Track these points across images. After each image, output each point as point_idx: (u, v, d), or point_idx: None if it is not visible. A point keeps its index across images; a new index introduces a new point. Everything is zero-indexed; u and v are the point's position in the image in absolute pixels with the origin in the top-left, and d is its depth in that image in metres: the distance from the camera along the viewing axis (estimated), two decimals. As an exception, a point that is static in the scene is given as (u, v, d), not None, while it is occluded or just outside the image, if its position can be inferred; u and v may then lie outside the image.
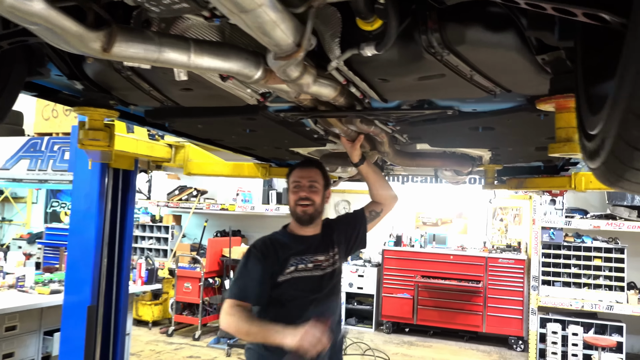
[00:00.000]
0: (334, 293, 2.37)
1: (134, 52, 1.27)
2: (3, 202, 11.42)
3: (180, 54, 1.34)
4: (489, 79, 1.56)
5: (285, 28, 1.13)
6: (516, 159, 2.93)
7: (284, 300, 2.22)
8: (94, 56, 1.25)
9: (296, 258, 2.26)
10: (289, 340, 1.92)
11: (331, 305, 2.36)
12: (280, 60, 1.25)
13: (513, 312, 7.77)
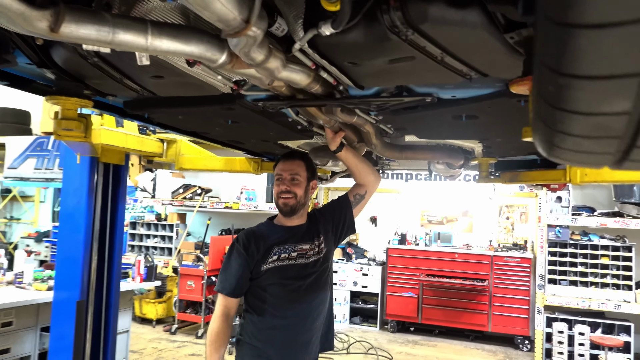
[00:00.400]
0: (321, 281, 2.39)
1: (85, 33, 1.23)
2: (11, 201, 11.51)
3: (136, 36, 1.30)
4: (461, 62, 1.50)
5: (225, 1, 1.08)
6: (508, 151, 2.85)
7: (268, 289, 2.27)
8: (42, 36, 1.21)
9: (279, 247, 2.31)
10: None
11: (320, 294, 2.38)
12: (229, 38, 1.20)
13: (519, 311, 7.65)
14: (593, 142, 0.58)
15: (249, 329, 2.30)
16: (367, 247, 9.30)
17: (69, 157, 3.29)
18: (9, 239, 11.45)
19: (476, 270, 7.94)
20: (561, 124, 0.57)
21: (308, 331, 2.33)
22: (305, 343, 2.33)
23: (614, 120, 0.52)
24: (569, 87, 0.51)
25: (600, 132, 0.55)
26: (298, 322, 2.30)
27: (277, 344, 2.26)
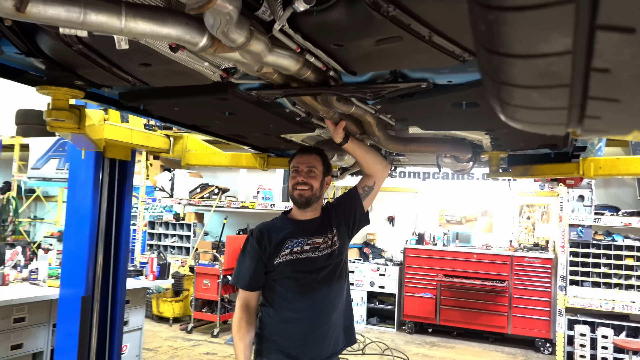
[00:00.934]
0: (335, 275, 2.39)
1: (54, 13, 1.20)
2: (35, 201, 11.73)
3: (110, 18, 1.26)
4: (452, 41, 1.42)
5: None
6: (517, 143, 2.74)
7: (281, 282, 2.29)
8: (8, 16, 1.18)
9: (292, 241, 2.33)
10: None
11: (334, 287, 2.38)
12: (192, 11, 1.15)
13: (540, 313, 7.45)
14: (542, 95, 0.51)
15: (265, 322, 2.32)
16: (384, 247, 9.19)
17: (74, 152, 3.30)
18: (32, 238, 11.67)
19: (496, 270, 7.77)
20: (502, 73, 0.50)
21: (324, 324, 2.32)
22: (321, 336, 2.31)
23: (557, 63, 0.45)
24: (499, 22, 0.44)
25: (546, 79, 0.48)
26: (312, 315, 2.30)
27: (293, 337, 2.27)
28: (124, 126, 3.23)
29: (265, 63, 1.58)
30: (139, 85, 2.11)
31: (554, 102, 0.52)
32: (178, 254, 9.70)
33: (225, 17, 1.24)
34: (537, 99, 0.52)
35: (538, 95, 0.51)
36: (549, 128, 0.59)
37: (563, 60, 0.45)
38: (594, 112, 0.50)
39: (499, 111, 0.62)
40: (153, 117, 2.65)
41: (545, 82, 0.49)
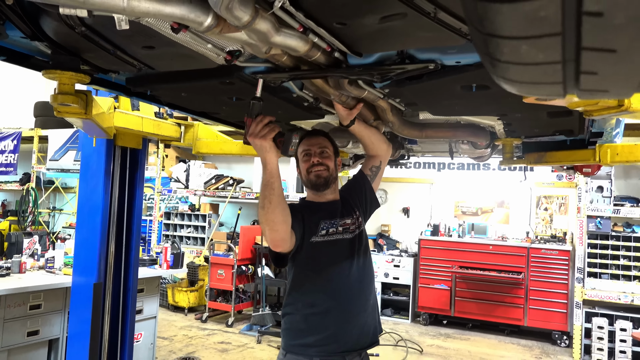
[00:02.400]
0: (367, 257, 2.35)
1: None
2: (54, 192, 11.90)
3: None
4: (458, 18, 1.37)
5: None
6: (531, 129, 2.68)
7: (321, 265, 2.21)
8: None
9: (326, 222, 2.27)
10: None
11: (369, 270, 2.34)
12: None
13: (557, 305, 7.35)
14: (532, 46, 0.47)
15: (297, 313, 2.22)
16: (398, 238, 9.14)
17: (85, 141, 3.31)
18: (52, 228, 11.85)
19: (512, 262, 7.68)
20: (488, 22, 0.46)
21: (363, 311, 2.24)
22: (361, 324, 2.22)
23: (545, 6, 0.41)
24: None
25: (535, 27, 0.44)
26: (351, 300, 2.21)
27: (336, 321, 2.17)
28: (135, 114, 3.23)
29: (272, 44, 1.55)
30: (145, 70, 2.10)
31: (545, 55, 0.48)
32: (193, 244, 9.77)
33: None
34: (527, 52, 0.48)
35: (528, 48, 0.47)
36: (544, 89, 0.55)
37: (552, 2, 0.41)
38: (590, 66, 0.46)
39: (490, 71, 0.59)
40: (162, 103, 2.64)
41: (534, 31, 0.45)
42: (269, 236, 2.02)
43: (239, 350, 6.60)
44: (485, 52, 0.53)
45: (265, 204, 1.91)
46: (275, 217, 1.93)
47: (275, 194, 1.92)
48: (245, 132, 1.90)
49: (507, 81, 0.57)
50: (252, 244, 8.08)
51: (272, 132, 1.89)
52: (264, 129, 1.88)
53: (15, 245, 5.44)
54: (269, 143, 1.89)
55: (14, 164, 11.01)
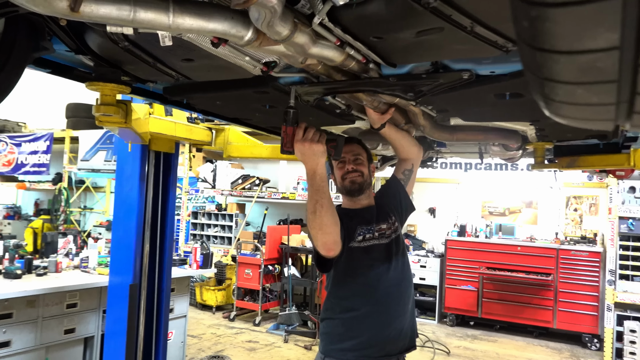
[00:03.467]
0: (403, 261, 2.35)
1: (105, 12, 1.23)
2: (85, 192, 12.18)
3: (158, 14, 1.29)
4: (494, 31, 1.39)
5: None
6: (564, 134, 2.66)
7: (359, 270, 2.22)
8: (63, 16, 1.22)
9: (363, 227, 2.29)
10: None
11: (407, 275, 2.35)
12: (237, 7, 1.17)
13: (587, 307, 7.24)
14: (587, 91, 0.49)
15: (337, 318, 2.24)
16: (425, 238, 9.11)
17: (121, 145, 3.41)
18: (83, 227, 12.14)
19: (540, 263, 7.58)
20: (545, 68, 0.48)
21: (402, 315, 2.25)
22: (399, 328, 2.24)
23: (603, 59, 0.44)
24: (541, 19, 0.43)
25: (591, 75, 0.47)
26: (391, 305, 2.23)
27: (375, 327, 2.19)
28: (168, 119, 3.31)
29: (309, 55, 1.59)
30: (182, 80, 2.16)
31: (600, 98, 0.50)
32: (220, 243, 9.90)
33: (269, 11, 1.25)
34: (582, 95, 0.50)
35: (583, 92, 0.50)
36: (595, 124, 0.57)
37: (609, 56, 0.43)
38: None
39: (543, 107, 0.61)
40: (196, 110, 2.71)
41: (590, 78, 0.47)
42: (321, 239, 2.01)
43: (267, 349, 6.68)
44: (539, 92, 0.55)
45: (316, 208, 1.92)
46: (327, 219, 1.95)
47: (326, 197, 1.93)
48: (285, 140, 1.89)
49: (559, 116, 0.59)
50: (279, 243, 8.16)
51: (324, 136, 1.90)
52: (315, 134, 1.88)
53: (51, 244, 5.61)
54: (324, 147, 1.90)
55: (47, 164, 11.29)
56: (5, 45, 1.67)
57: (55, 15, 1.29)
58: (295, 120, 1.89)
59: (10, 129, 11.92)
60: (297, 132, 1.87)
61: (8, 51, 1.68)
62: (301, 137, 1.87)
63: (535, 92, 0.58)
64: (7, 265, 4.46)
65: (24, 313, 4.08)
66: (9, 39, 1.68)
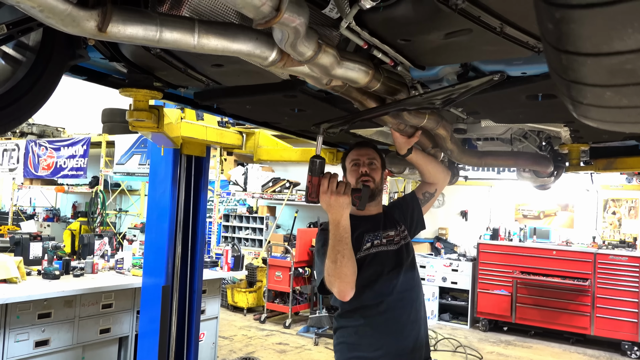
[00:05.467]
0: (413, 268, 2.31)
1: (132, 32, 1.26)
2: (120, 195, 12.48)
3: (183, 35, 1.31)
4: (525, 32, 1.36)
5: None
6: (599, 135, 2.58)
7: (368, 278, 2.17)
8: (91, 36, 1.25)
9: (370, 234, 2.25)
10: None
11: (416, 280, 2.31)
12: (259, 27, 1.18)
13: (627, 314, 7.00)
14: (616, 93, 0.48)
15: (349, 326, 2.22)
16: (456, 242, 8.98)
17: (154, 150, 3.48)
18: (118, 229, 12.44)
19: (577, 268, 7.38)
20: (571, 71, 0.47)
21: (415, 322, 2.21)
22: (414, 335, 2.20)
23: (632, 60, 0.42)
24: (566, 21, 0.41)
25: (620, 77, 0.45)
26: (403, 313, 2.19)
27: (386, 337, 2.15)
28: (199, 124, 3.36)
29: (334, 76, 1.59)
30: (212, 85, 2.19)
31: (630, 100, 0.49)
32: (251, 246, 9.99)
33: (292, 31, 1.26)
34: (611, 97, 0.49)
35: (612, 94, 0.48)
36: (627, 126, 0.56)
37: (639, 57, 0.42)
38: (676, 109, 0.47)
39: (571, 109, 0.59)
40: (226, 114, 2.75)
41: (619, 81, 0.46)
42: (338, 287, 1.99)
43: (297, 351, 6.70)
44: (567, 95, 0.54)
45: (337, 258, 1.92)
46: (347, 270, 1.94)
47: (348, 248, 1.93)
48: (310, 190, 1.89)
49: (587, 119, 0.58)
50: (309, 246, 8.18)
51: (349, 188, 1.88)
52: (341, 186, 1.86)
53: (87, 246, 5.76)
54: (349, 199, 1.88)
55: (84, 167, 11.62)
56: (43, 54, 1.73)
57: (84, 36, 1.32)
58: (321, 171, 1.87)
59: (49, 133, 12.31)
60: (322, 183, 1.86)
61: (46, 60, 1.73)
62: (326, 188, 1.85)
63: (562, 94, 0.57)
64: (45, 266, 4.60)
65: (62, 313, 4.20)
66: (47, 48, 1.74)
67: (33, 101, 1.74)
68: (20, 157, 12.51)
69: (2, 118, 1.66)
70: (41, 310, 4.04)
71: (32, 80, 1.72)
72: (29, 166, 12.20)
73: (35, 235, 5.61)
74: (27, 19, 1.52)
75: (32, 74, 1.72)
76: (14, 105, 1.67)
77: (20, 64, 1.75)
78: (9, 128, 1.75)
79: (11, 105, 1.67)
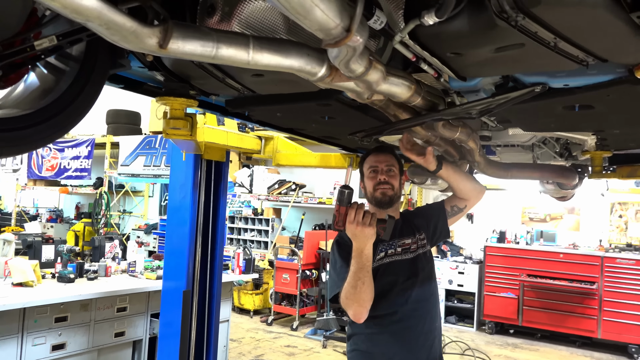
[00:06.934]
0: (430, 277, 2.29)
1: (190, 48, 1.27)
2: (124, 196, 12.48)
3: (238, 51, 1.31)
4: (577, 46, 1.38)
5: (325, 8, 1.06)
6: (626, 143, 2.60)
7: (380, 288, 2.13)
8: (151, 53, 1.26)
9: (384, 243, 2.22)
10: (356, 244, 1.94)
11: (434, 291, 2.30)
12: (328, 47, 1.19)
13: (634, 317, 7.03)
14: None
15: (363, 334, 2.20)
16: (462, 244, 9.01)
17: (175, 155, 3.49)
18: (122, 230, 12.43)
19: (584, 271, 7.41)
20: None
21: (429, 332, 2.20)
22: (428, 345, 2.19)
23: None
24: None
25: None
26: (418, 323, 2.18)
27: (400, 346, 2.14)
28: (221, 129, 3.38)
29: (377, 91, 1.62)
30: (246, 93, 2.20)
31: None
32: (257, 247, 10.00)
33: (351, 50, 1.27)
34: None
35: None
36: None
37: None
38: None
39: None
40: (252, 121, 2.75)
41: None
42: (354, 310, 2.04)
43: (306, 354, 6.71)
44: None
45: (357, 285, 1.96)
46: (366, 295, 1.99)
47: (368, 275, 1.97)
48: (337, 220, 1.93)
49: None
50: (316, 248, 8.19)
51: (374, 219, 1.91)
52: (367, 216, 1.89)
53: (98, 249, 5.76)
54: (374, 230, 1.91)
55: (88, 168, 11.61)
56: (87, 64, 1.74)
57: (144, 52, 1.33)
58: (348, 201, 1.91)
59: (54, 134, 12.26)
60: (349, 213, 1.90)
61: (90, 69, 1.74)
62: (353, 218, 1.89)
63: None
64: (60, 270, 4.60)
65: (78, 316, 4.21)
66: (90, 58, 1.74)
67: (76, 111, 1.74)
68: (24, 158, 12.51)
69: (47, 129, 1.66)
70: (58, 314, 4.05)
71: (76, 91, 1.72)
72: (33, 167, 12.19)
73: (47, 238, 5.61)
74: (77, 30, 1.53)
75: (76, 84, 1.72)
76: (59, 116, 1.68)
77: (63, 73, 1.76)
78: (53, 139, 1.76)
79: (56, 116, 1.68)
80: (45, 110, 1.66)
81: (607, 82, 1.63)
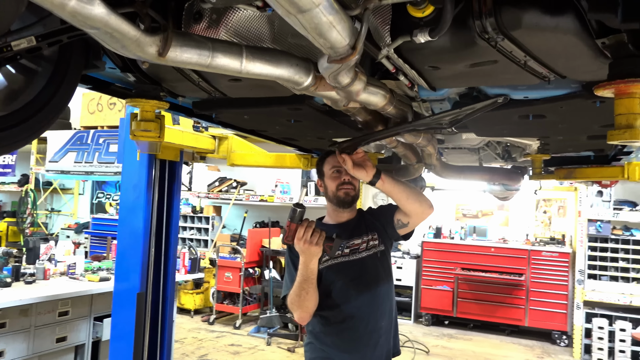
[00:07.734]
0: (378, 277, 2.29)
1: (187, 57, 1.29)
2: (52, 194, 11.86)
3: (232, 60, 1.35)
4: (544, 65, 1.52)
5: (341, 29, 1.13)
6: (565, 148, 2.84)
7: (326, 289, 2.21)
8: (150, 60, 1.27)
9: None
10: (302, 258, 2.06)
11: (380, 289, 2.28)
12: (334, 63, 1.25)
13: (557, 306, 7.59)
14: None
15: (314, 331, 2.30)
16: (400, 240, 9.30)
17: (128, 154, 3.40)
18: (50, 229, 11.81)
19: (513, 264, 7.90)
20: None
21: (373, 331, 2.24)
22: (372, 344, 2.24)
23: None
24: None
25: None
26: (361, 323, 2.22)
27: (343, 345, 2.23)
28: (176, 128, 3.33)
29: (356, 100, 1.69)
30: (215, 95, 2.21)
31: None
32: (197, 246, 9.84)
33: (346, 64, 1.33)
34: None
35: None
36: None
37: None
38: None
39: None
40: (215, 122, 2.75)
41: None
42: (299, 315, 2.21)
43: (251, 352, 6.72)
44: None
45: (302, 294, 2.12)
46: (309, 303, 2.15)
47: (312, 286, 2.11)
48: (287, 234, 2.02)
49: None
50: (259, 247, 8.19)
51: (322, 237, 2.00)
52: (315, 235, 1.99)
53: (33, 250, 5.47)
54: (320, 248, 2.02)
55: (12, 165, 10.94)
56: (61, 65, 1.70)
57: (142, 60, 1.33)
58: (300, 218, 2.00)
59: (-27, 128, 11.45)
60: (299, 230, 1.99)
61: (64, 72, 1.70)
62: (302, 235, 1.98)
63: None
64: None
65: (17, 322, 4.01)
66: (64, 59, 1.70)
67: (51, 113, 1.69)
68: (-63, 153, 11.58)
69: (22, 132, 1.61)
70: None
71: (51, 92, 1.68)
72: (-52, 162, 11.32)
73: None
74: (57, 32, 1.49)
75: (50, 86, 1.68)
76: (33, 118, 1.63)
77: (34, 74, 1.70)
78: (28, 141, 1.70)
79: (31, 118, 1.63)
80: (20, 113, 1.60)
81: (563, 95, 1.80)
